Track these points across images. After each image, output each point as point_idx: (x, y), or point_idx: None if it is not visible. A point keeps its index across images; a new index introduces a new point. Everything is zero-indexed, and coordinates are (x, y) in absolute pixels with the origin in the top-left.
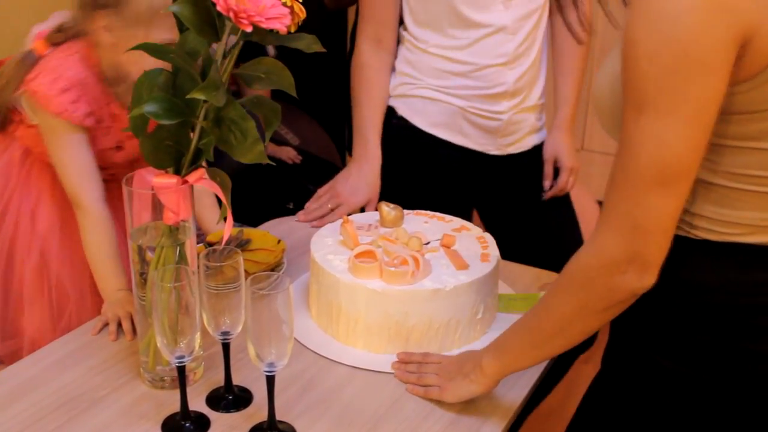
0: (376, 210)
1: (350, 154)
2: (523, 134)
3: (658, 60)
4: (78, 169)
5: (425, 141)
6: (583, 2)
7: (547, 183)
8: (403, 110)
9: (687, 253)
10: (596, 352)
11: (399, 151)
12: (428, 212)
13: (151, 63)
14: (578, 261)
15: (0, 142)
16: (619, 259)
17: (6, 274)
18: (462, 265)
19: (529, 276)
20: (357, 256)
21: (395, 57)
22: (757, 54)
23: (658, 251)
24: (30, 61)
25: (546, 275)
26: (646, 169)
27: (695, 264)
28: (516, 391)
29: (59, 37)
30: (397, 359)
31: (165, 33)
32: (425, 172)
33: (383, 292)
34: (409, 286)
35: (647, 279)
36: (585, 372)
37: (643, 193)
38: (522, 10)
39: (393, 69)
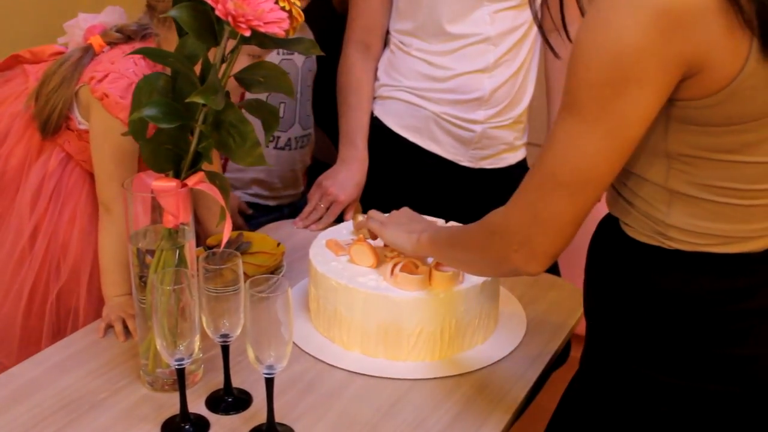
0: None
1: None
2: (498, 150)
3: (595, 68)
4: (121, 180)
5: (397, 143)
6: (573, 21)
7: None
8: (378, 111)
9: (661, 263)
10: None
11: (372, 151)
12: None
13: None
14: (493, 217)
15: (41, 147)
16: (515, 238)
17: (31, 295)
18: None
19: (527, 279)
20: (402, 269)
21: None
22: (712, 74)
23: (549, 245)
24: (88, 58)
25: (545, 277)
26: (558, 169)
27: (669, 274)
28: (515, 392)
29: (120, 38)
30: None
31: None
32: (396, 175)
33: (380, 297)
34: (414, 292)
35: (532, 266)
36: (561, 369)
37: (550, 190)
38: (508, 24)
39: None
